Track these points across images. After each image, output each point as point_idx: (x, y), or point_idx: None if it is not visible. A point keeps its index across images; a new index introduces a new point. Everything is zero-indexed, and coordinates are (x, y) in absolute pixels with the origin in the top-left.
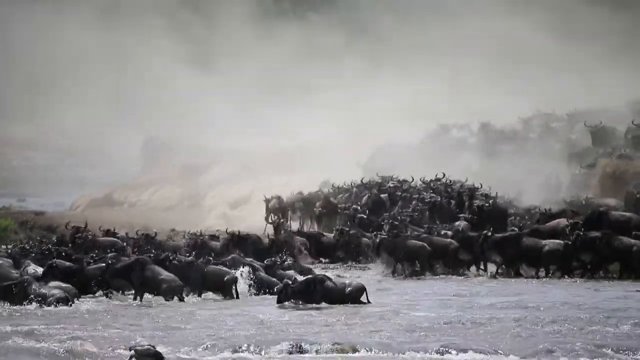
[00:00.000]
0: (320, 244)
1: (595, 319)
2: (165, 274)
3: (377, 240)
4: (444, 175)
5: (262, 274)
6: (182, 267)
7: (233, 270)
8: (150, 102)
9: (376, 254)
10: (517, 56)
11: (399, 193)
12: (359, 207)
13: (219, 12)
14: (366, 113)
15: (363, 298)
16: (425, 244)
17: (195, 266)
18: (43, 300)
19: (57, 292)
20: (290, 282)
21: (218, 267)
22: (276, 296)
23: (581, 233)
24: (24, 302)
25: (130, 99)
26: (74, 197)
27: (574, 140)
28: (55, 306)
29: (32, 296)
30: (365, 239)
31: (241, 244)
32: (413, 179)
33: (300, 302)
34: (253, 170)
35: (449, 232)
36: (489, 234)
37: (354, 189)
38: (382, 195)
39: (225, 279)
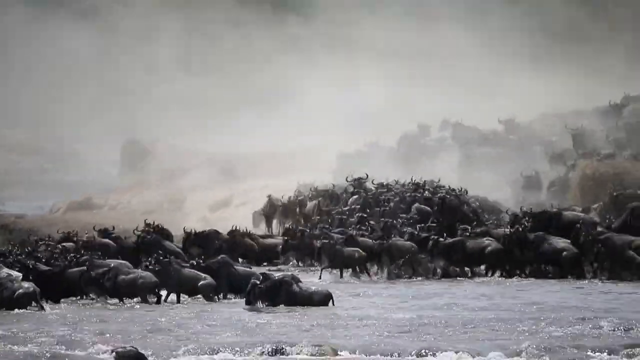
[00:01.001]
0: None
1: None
2: (141, 273)
3: (319, 245)
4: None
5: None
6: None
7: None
8: (129, 106)
9: (317, 259)
10: (496, 58)
11: (382, 196)
12: (346, 210)
13: (198, 15)
14: (345, 116)
15: (329, 304)
16: (359, 249)
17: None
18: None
19: (27, 285)
20: (258, 282)
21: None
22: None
23: (513, 234)
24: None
25: (109, 103)
26: (53, 201)
27: (555, 142)
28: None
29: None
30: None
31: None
32: (397, 182)
33: (267, 304)
34: (232, 174)
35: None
36: (440, 239)
37: (342, 193)
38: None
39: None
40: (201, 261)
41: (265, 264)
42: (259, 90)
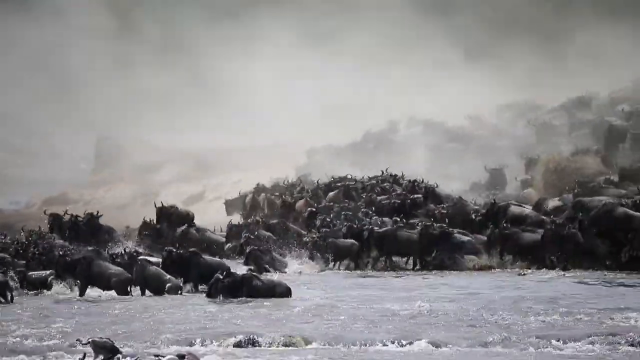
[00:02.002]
0: None
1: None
2: (114, 268)
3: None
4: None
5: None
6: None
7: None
8: (101, 102)
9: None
10: (462, 55)
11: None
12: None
13: (171, 14)
14: (313, 112)
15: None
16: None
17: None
18: None
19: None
20: (221, 277)
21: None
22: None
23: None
24: None
25: (81, 100)
26: (28, 196)
27: (519, 137)
28: None
29: None
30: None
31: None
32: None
33: (228, 297)
34: (205, 170)
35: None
36: (375, 228)
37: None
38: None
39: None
40: (174, 251)
41: None
42: (228, 87)
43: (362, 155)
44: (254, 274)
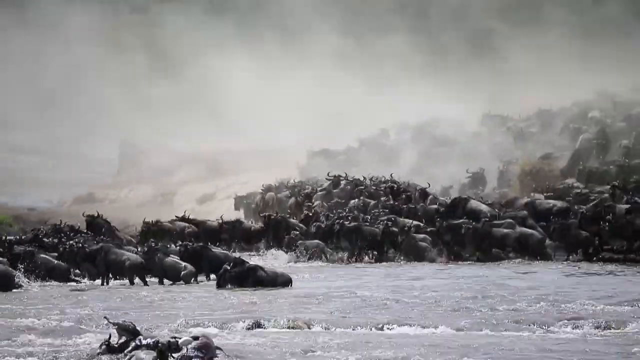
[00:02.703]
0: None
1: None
2: (128, 254)
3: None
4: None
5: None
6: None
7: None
8: (121, 110)
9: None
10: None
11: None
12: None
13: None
14: (311, 119)
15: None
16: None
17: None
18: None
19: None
20: (228, 268)
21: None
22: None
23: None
24: None
25: (106, 108)
26: (60, 196)
27: (499, 143)
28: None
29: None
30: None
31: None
32: (365, 178)
33: (235, 287)
34: (215, 171)
35: None
36: (345, 222)
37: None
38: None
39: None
40: (188, 244)
41: None
42: (234, 97)
43: (357, 158)
44: (258, 265)
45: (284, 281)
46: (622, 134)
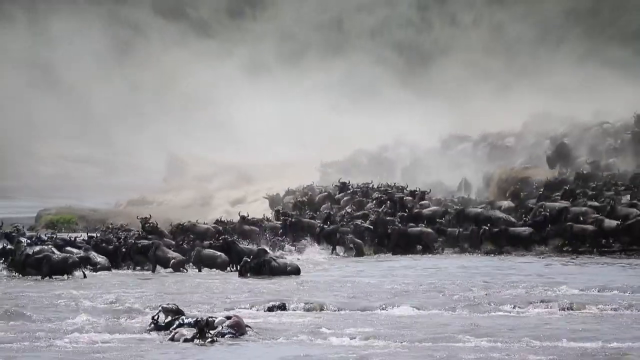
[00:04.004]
0: None
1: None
2: (172, 253)
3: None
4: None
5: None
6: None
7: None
8: (172, 130)
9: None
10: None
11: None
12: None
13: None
14: (322, 135)
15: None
16: None
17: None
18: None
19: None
20: (248, 260)
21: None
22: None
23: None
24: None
25: (151, 123)
26: (116, 199)
27: (479, 155)
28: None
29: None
30: None
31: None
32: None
33: (254, 276)
34: (245, 179)
35: None
36: (325, 226)
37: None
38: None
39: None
40: (221, 240)
41: None
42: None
43: (362, 168)
44: (272, 257)
45: (292, 270)
46: (576, 149)
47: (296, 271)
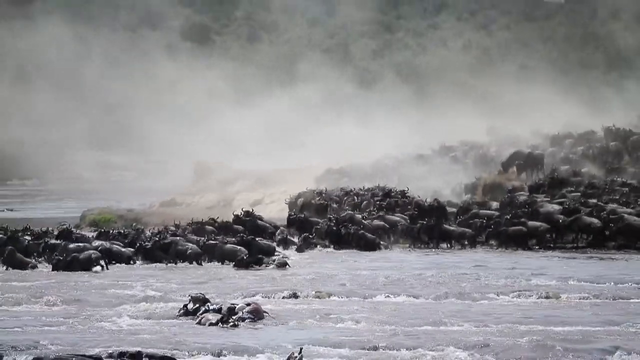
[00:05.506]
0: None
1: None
2: (191, 246)
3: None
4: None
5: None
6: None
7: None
8: (197, 136)
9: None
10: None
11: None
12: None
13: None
14: (327, 146)
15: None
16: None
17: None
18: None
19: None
20: (245, 257)
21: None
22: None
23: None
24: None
25: (181, 135)
26: (150, 200)
27: (468, 163)
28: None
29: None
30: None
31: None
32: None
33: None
34: (262, 183)
35: None
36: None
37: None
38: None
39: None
40: (243, 236)
41: None
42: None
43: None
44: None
45: (280, 263)
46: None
47: (283, 264)
